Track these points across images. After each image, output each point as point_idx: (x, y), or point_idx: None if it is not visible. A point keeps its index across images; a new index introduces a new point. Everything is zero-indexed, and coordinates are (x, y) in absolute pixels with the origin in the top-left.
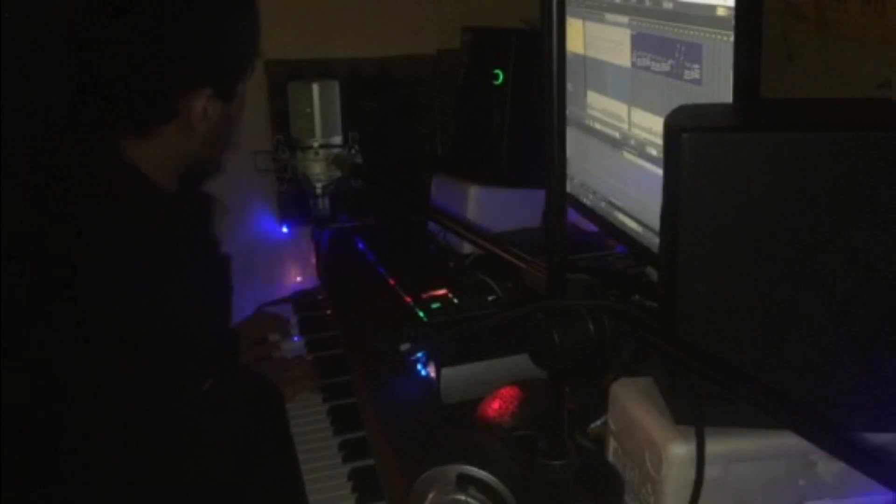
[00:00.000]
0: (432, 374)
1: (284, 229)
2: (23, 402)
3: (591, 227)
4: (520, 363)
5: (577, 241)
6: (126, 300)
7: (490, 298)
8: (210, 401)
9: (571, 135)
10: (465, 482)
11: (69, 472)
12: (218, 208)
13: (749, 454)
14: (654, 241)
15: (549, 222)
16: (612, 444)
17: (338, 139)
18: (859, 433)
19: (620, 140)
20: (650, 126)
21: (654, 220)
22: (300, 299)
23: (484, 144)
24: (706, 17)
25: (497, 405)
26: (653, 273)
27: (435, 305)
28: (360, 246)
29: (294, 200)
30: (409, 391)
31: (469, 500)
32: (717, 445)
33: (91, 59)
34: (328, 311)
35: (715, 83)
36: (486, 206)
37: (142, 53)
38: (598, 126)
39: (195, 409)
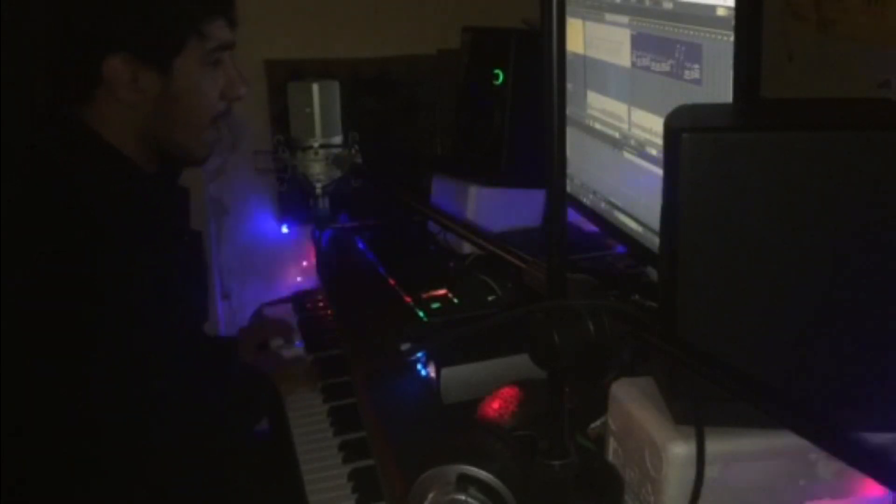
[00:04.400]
0: (432, 374)
1: (284, 229)
2: (32, 396)
3: (591, 227)
4: (520, 363)
5: (577, 241)
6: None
7: (490, 298)
8: (208, 399)
9: (571, 135)
10: (465, 482)
11: (62, 471)
12: (219, 207)
13: (749, 454)
14: (654, 241)
15: (549, 222)
16: (612, 444)
17: (338, 139)
18: (859, 433)
19: (620, 140)
20: (650, 126)
21: (654, 220)
22: (300, 299)
23: (484, 144)
24: (706, 17)
25: (497, 405)
26: (653, 273)
27: (435, 305)
28: (360, 246)
29: (294, 200)
30: (409, 391)
31: (469, 500)
32: (717, 445)
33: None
34: (328, 311)
35: (715, 83)
36: (486, 206)
37: (55, 13)
38: (598, 126)
39: (189, 409)
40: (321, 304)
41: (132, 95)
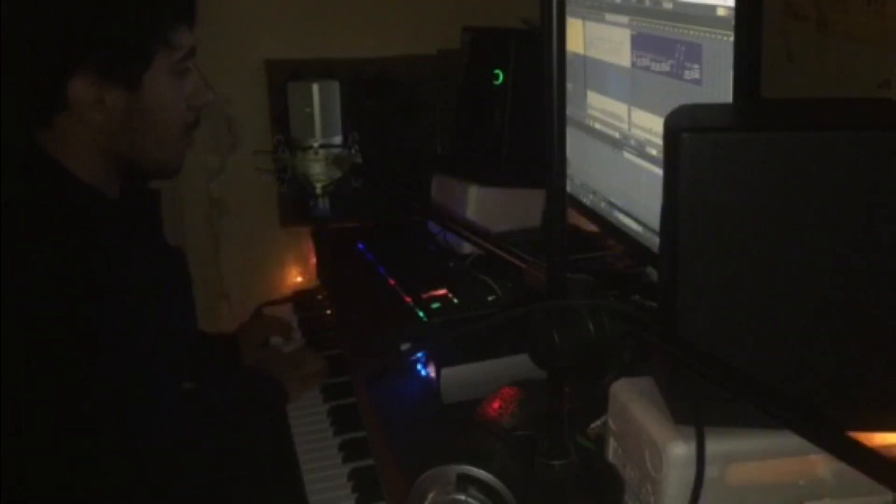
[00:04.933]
0: (432, 374)
1: (284, 229)
2: (33, 397)
3: (591, 227)
4: (520, 363)
5: (577, 241)
6: (77, 309)
7: (490, 298)
8: (210, 401)
9: (571, 135)
10: (465, 482)
11: (62, 471)
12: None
13: (749, 454)
14: (654, 241)
15: (549, 222)
16: (612, 444)
17: (338, 139)
18: (859, 433)
19: (620, 140)
20: (650, 126)
21: (654, 220)
22: (300, 299)
23: (484, 144)
24: (706, 17)
25: (497, 405)
26: (653, 273)
27: (435, 305)
28: (360, 246)
29: (294, 200)
30: (409, 391)
31: (469, 500)
32: (717, 445)
33: None
34: (328, 311)
35: (715, 83)
36: (486, 206)
37: (13, 36)
38: (598, 126)
39: (188, 410)
40: (321, 304)
41: (97, 116)
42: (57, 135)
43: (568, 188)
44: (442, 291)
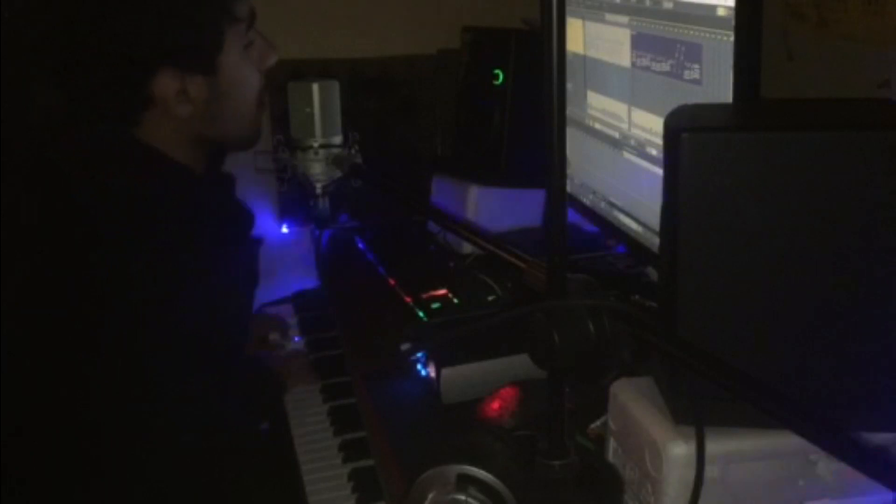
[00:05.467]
0: (432, 374)
1: (284, 229)
2: (33, 397)
3: (591, 227)
4: (520, 363)
5: (577, 241)
6: (151, 287)
7: (490, 298)
8: (211, 399)
9: (571, 135)
10: (465, 482)
11: (62, 471)
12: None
13: (749, 454)
14: (654, 241)
15: (549, 222)
16: (612, 444)
17: (338, 139)
18: (859, 433)
19: (620, 140)
20: (650, 126)
21: (654, 220)
22: (300, 299)
23: (484, 144)
24: (706, 17)
25: (497, 405)
26: (653, 273)
27: (435, 305)
28: (360, 246)
29: (294, 200)
30: (409, 391)
31: (469, 500)
32: (717, 445)
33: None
34: (328, 311)
35: (715, 83)
36: (486, 206)
37: (83, 47)
38: (598, 126)
39: (195, 407)
40: (321, 304)
41: (184, 108)
42: (147, 131)
43: (568, 188)
44: (442, 291)
